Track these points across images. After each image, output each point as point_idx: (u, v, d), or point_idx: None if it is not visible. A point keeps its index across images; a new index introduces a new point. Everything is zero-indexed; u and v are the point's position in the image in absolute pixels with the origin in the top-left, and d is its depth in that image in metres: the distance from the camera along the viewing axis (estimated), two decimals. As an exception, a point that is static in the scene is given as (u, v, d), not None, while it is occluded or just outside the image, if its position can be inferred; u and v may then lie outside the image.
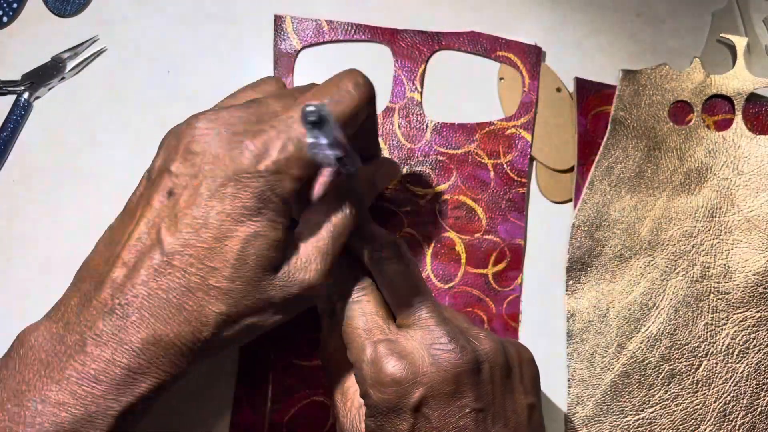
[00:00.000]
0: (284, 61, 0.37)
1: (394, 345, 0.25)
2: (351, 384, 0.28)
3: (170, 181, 0.24)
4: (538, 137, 0.37)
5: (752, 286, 0.36)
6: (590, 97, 0.38)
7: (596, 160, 0.37)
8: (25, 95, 0.35)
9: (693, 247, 0.36)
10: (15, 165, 0.35)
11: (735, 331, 0.35)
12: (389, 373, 0.24)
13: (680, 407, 0.34)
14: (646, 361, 0.35)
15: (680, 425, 0.34)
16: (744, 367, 0.35)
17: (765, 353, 0.35)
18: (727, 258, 0.36)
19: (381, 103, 0.37)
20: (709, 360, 0.35)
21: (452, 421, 0.24)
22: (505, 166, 0.36)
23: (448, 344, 0.25)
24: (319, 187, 0.28)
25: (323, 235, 0.25)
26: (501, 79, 0.38)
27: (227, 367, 0.33)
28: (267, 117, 0.24)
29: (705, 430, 0.34)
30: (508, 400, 0.26)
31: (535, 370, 0.28)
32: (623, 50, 0.40)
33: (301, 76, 0.37)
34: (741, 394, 0.35)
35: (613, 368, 0.35)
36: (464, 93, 0.38)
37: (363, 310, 0.27)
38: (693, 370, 0.35)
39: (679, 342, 0.35)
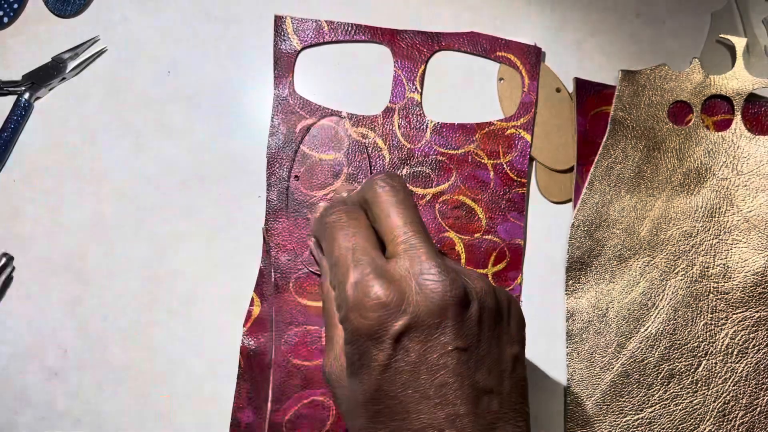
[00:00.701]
0: (284, 61, 0.37)
1: (381, 270, 0.24)
2: (337, 323, 0.26)
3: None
4: (538, 137, 0.37)
5: (751, 286, 0.36)
6: (590, 97, 0.38)
7: (596, 160, 0.37)
8: (26, 95, 0.35)
9: (692, 247, 0.36)
10: (16, 165, 0.35)
11: (734, 331, 0.35)
12: (373, 297, 0.23)
13: (680, 407, 0.34)
14: (646, 361, 0.35)
15: (680, 425, 0.34)
16: (743, 367, 0.35)
17: (764, 353, 0.35)
18: (726, 258, 0.36)
19: (381, 104, 0.37)
20: (708, 360, 0.35)
21: (432, 358, 0.23)
22: (504, 166, 0.37)
23: (438, 275, 0.24)
24: None
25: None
26: (501, 79, 0.38)
27: (227, 368, 0.33)
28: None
29: (704, 429, 0.34)
30: (493, 346, 0.25)
31: (522, 321, 0.27)
32: (623, 51, 0.40)
33: (301, 77, 0.37)
34: (740, 393, 0.35)
35: (613, 368, 0.35)
36: (464, 93, 0.38)
37: (352, 233, 0.25)
38: (692, 370, 0.35)
39: (678, 342, 0.35)
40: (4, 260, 0.34)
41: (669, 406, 0.34)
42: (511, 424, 0.24)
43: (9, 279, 0.34)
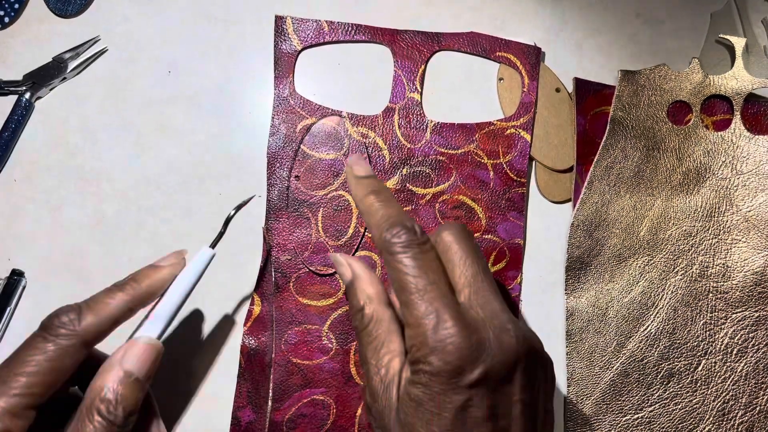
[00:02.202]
0: (285, 61, 0.37)
1: (462, 317, 0.25)
2: (388, 350, 0.27)
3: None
4: (538, 137, 0.37)
5: (751, 286, 0.36)
6: (589, 97, 0.38)
7: (595, 160, 0.37)
8: (27, 95, 0.36)
9: (692, 246, 0.36)
10: (16, 165, 0.35)
11: (734, 331, 0.35)
12: (458, 343, 0.24)
13: (679, 406, 0.34)
14: (645, 361, 0.35)
15: (679, 424, 0.34)
16: (743, 366, 0.35)
17: (763, 352, 0.35)
18: (725, 257, 0.36)
19: (381, 103, 0.37)
20: (707, 359, 0.35)
21: (501, 408, 0.24)
22: (504, 166, 0.37)
23: (512, 330, 0.25)
24: None
25: None
26: (500, 79, 0.38)
27: (227, 367, 0.33)
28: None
29: (704, 429, 0.34)
30: (540, 402, 0.26)
31: (554, 378, 0.28)
32: (622, 51, 0.40)
33: (301, 77, 0.37)
34: (740, 393, 0.35)
35: (612, 367, 0.35)
36: (464, 93, 0.38)
37: (428, 270, 0.26)
38: (692, 370, 0.35)
39: (677, 341, 0.35)
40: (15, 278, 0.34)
41: (668, 405, 0.34)
42: None
43: (20, 297, 0.34)
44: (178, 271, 0.29)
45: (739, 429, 0.34)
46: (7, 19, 0.37)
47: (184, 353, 0.34)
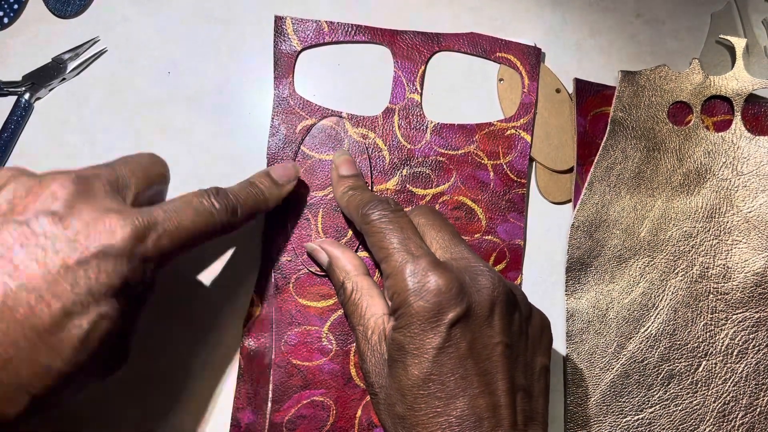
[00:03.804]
0: (284, 61, 0.37)
1: (438, 262, 0.26)
2: (372, 313, 0.28)
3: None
4: (538, 138, 0.37)
5: (751, 287, 0.36)
6: (589, 98, 0.38)
7: (595, 160, 0.37)
8: (26, 96, 0.35)
9: (692, 247, 0.36)
10: (16, 165, 0.35)
11: (734, 332, 0.35)
12: (433, 283, 0.24)
13: (679, 407, 0.34)
14: (646, 362, 0.35)
15: (679, 425, 0.34)
16: (743, 368, 0.35)
17: (764, 353, 0.35)
18: (726, 258, 0.36)
19: (381, 104, 0.37)
20: (708, 360, 0.35)
21: (480, 348, 0.24)
22: (504, 166, 0.37)
23: (488, 273, 0.26)
24: None
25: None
26: (500, 80, 0.38)
27: (227, 368, 0.33)
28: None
29: (704, 430, 0.34)
30: (528, 351, 0.27)
31: (551, 338, 0.29)
32: (622, 51, 0.40)
33: (301, 77, 0.37)
34: (740, 394, 0.35)
35: (613, 368, 0.35)
36: (464, 94, 0.38)
37: (402, 229, 0.27)
38: (692, 371, 0.35)
39: (678, 342, 0.35)
40: None
41: (669, 406, 0.34)
42: (539, 427, 0.26)
43: None
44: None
45: (740, 430, 0.34)
46: (6, 20, 0.37)
47: (184, 354, 0.34)
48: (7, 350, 0.20)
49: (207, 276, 0.35)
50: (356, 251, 0.34)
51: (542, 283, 0.36)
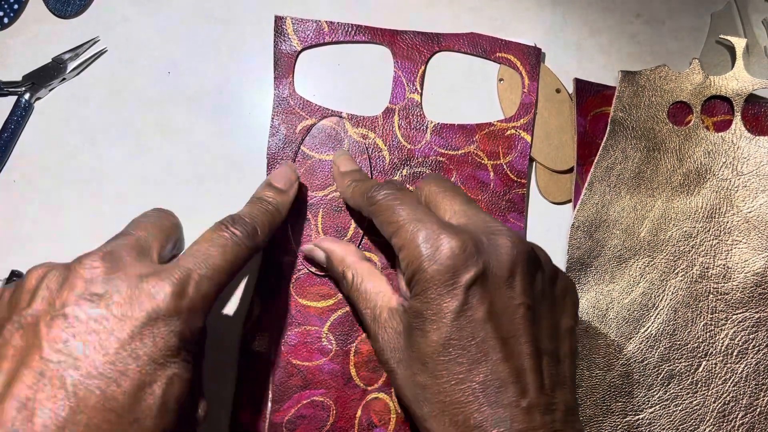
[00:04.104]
0: (284, 61, 0.37)
1: (450, 226, 0.25)
2: (378, 292, 0.28)
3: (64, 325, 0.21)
4: (538, 138, 0.37)
5: (751, 287, 0.36)
6: (589, 98, 0.38)
7: (595, 160, 0.37)
8: (26, 96, 0.35)
9: (692, 247, 0.36)
10: (16, 165, 0.35)
11: (734, 332, 0.35)
12: (447, 244, 0.24)
13: (679, 408, 0.34)
14: (646, 362, 0.35)
15: (679, 426, 0.34)
16: (743, 368, 0.35)
17: (764, 354, 0.35)
18: (726, 259, 0.36)
19: (381, 104, 0.37)
20: (708, 360, 0.35)
21: (501, 310, 0.24)
22: (504, 167, 0.37)
23: (507, 232, 0.25)
24: None
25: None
26: (500, 80, 0.38)
27: (227, 368, 0.33)
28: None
29: (704, 430, 0.34)
30: (552, 314, 0.26)
31: (577, 299, 0.28)
32: (622, 51, 0.40)
33: (301, 77, 0.37)
34: (740, 394, 0.35)
35: (613, 369, 0.35)
36: (464, 94, 0.38)
37: (410, 202, 0.27)
38: (692, 371, 0.35)
39: (678, 342, 0.35)
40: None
41: (669, 406, 0.34)
42: (568, 392, 0.25)
43: None
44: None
45: (740, 430, 0.34)
46: (6, 20, 0.37)
47: (184, 354, 0.34)
48: None
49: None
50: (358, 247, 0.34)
51: (542, 283, 0.36)
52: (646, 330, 0.35)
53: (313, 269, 0.34)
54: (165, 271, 0.23)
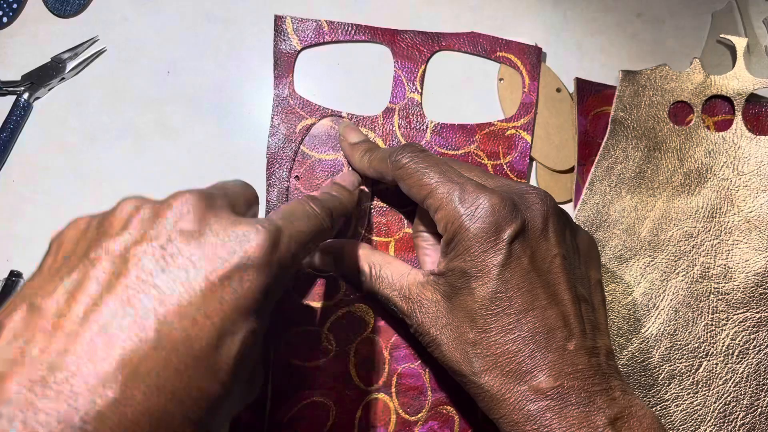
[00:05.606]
0: (284, 61, 0.37)
1: (483, 185, 0.26)
2: (400, 274, 0.29)
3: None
4: (538, 138, 0.37)
5: (752, 287, 0.36)
6: (590, 97, 0.38)
7: (596, 160, 0.37)
8: (25, 95, 0.35)
9: (693, 247, 0.36)
10: (15, 165, 0.35)
11: (735, 332, 0.35)
12: (488, 202, 0.25)
13: (680, 408, 0.34)
14: (646, 362, 0.35)
15: (680, 426, 0.34)
16: (744, 368, 0.35)
17: (765, 354, 0.35)
18: (727, 258, 0.36)
19: (381, 104, 0.37)
20: (709, 361, 0.35)
21: (540, 261, 0.25)
22: (504, 166, 0.36)
23: (534, 190, 0.26)
24: None
25: None
26: (501, 79, 0.38)
27: (227, 368, 0.33)
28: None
29: (705, 430, 0.34)
30: (582, 264, 0.27)
31: (599, 254, 0.30)
32: (623, 51, 0.40)
33: (301, 77, 0.37)
34: (741, 394, 0.34)
35: (613, 369, 0.34)
36: (464, 94, 0.38)
37: (437, 164, 0.28)
38: (693, 371, 0.35)
39: (679, 343, 0.35)
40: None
41: (670, 407, 0.34)
42: (606, 337, 0.27)
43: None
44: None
45: (741, 431, 0.34)
46: (5, 19, 0.36)
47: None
48: (170, 379, 0.18)
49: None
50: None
51: (543, 283, 0.36)
52: (646, 330, 0.35)
53: (313, 269, 0.34)
54: (259, 222, 0.22)
